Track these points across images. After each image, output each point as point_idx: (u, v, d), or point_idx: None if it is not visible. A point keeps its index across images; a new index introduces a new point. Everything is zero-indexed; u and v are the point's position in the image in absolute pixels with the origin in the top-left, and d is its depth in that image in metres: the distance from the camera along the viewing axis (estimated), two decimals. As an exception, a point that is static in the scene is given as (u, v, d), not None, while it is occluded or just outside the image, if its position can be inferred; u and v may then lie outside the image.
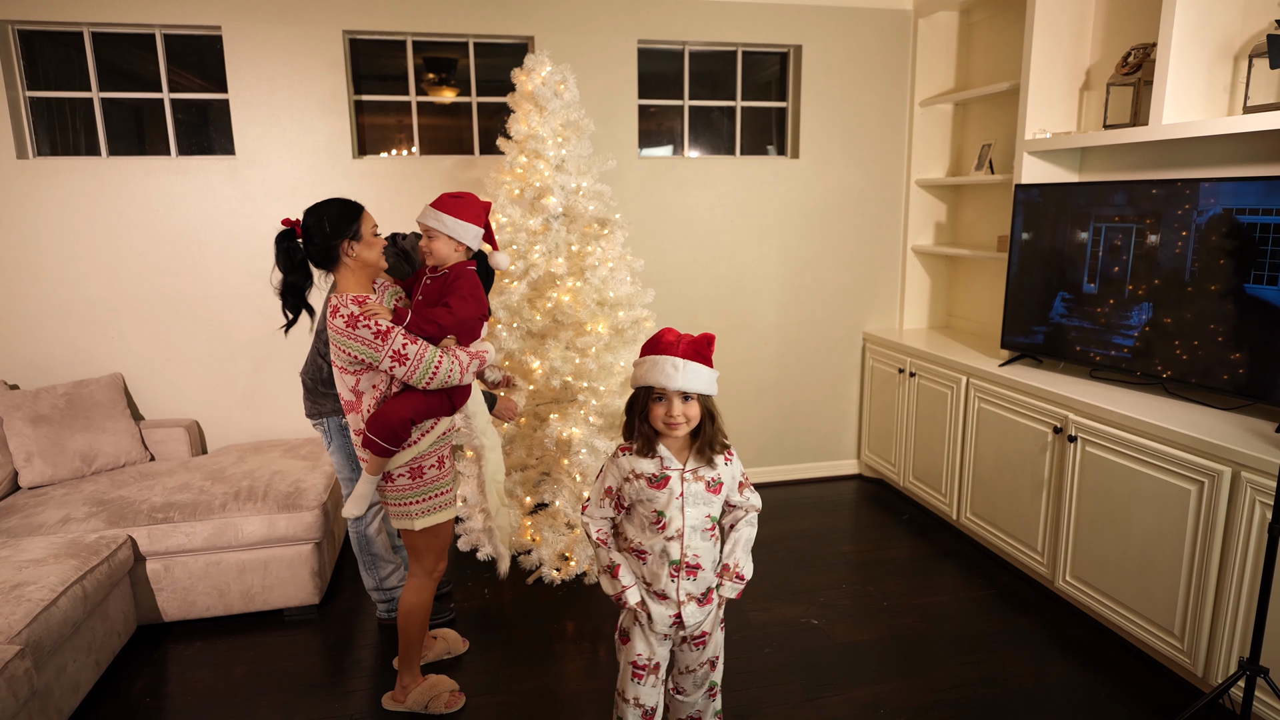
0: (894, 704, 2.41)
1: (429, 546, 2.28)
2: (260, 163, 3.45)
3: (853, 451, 4.42)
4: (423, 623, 2.33)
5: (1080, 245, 2.95)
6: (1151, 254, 2.70)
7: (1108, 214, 2.84)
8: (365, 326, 2.02)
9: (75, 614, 2.30)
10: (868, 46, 3.97)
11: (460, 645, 2.70)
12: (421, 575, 2.30)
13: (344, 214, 2.09)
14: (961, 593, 3.08)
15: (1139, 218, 2.73)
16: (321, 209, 2.09)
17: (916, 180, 4.11)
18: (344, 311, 2.04)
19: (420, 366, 2.06)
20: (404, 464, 2.17)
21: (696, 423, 1.76)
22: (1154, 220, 2.68)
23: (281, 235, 2.09)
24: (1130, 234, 2.76)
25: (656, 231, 3.89)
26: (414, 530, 2.22)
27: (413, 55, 3.60)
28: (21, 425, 3.03)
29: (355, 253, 2.10)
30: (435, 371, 2.07)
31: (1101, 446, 2.65)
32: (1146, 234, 2.70)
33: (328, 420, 2.63)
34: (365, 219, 2.12)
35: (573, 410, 3.11)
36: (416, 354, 2.05)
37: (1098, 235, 2.88)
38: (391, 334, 2.03)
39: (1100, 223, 2.87)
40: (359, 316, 2.03)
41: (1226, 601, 2.25)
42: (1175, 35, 2.60)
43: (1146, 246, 2.71)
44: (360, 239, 2.10)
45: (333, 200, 2.13)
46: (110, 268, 3.39)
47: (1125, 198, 2.78)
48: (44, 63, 3.35)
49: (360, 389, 2.12)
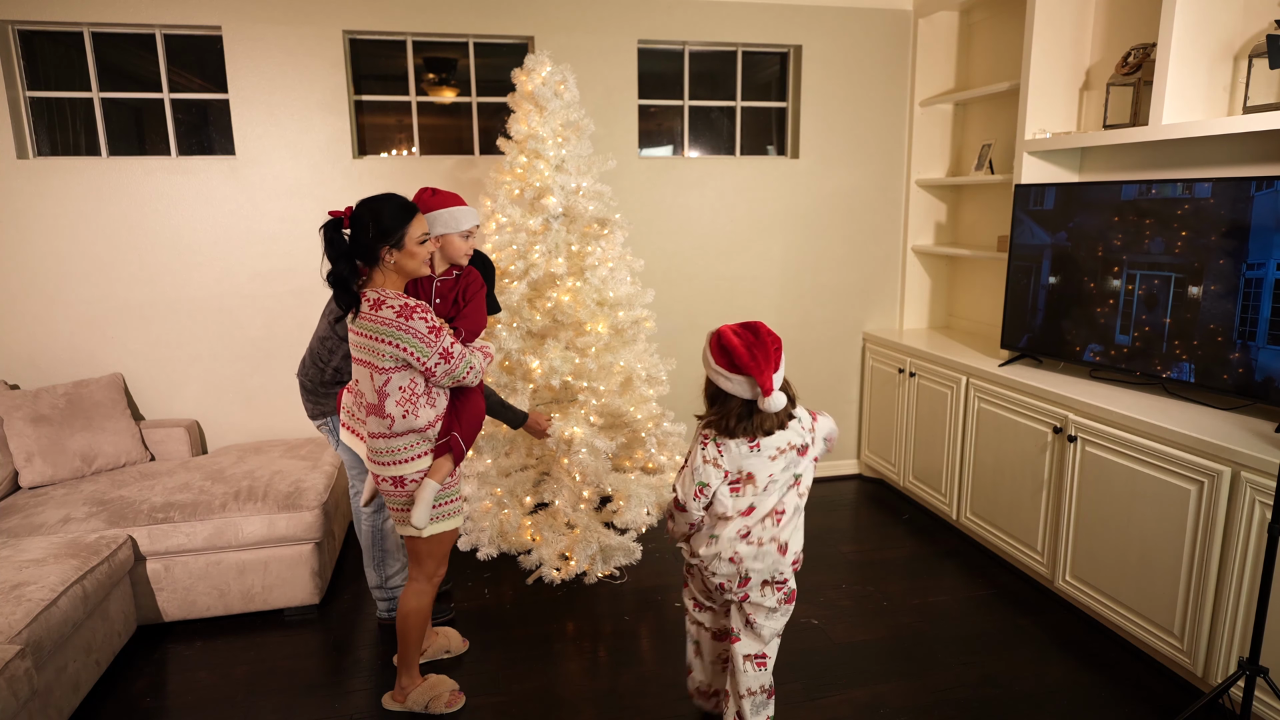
0: (894, 704, 2.41)
1: (432, 552, 2.26)
2: (260, 163, 3.45)
3: (853, 451, 4.42)
4: (421, 625, 2.33)
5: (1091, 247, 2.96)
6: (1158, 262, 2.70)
7: (1109, 214, 2.84)
8: (421, 319, 2.00)
9: (75, 614, 2.30)
10: (868, 46, 3.97)
11: (460, 645, 2.69)
12: (422, 580, 2.29)
13: (392, 219, 2.03)
14: (961, 593, 3.08)
15: (1139, 217, 2.73)
16: (374, 207, 2.03)
17: (916, 180, 4.11)
18: (394, 303, 2.00)
19: (460, 365, 2.09)
20: (418, 470, 2.15)
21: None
22: (1154, 221, 2.68)
23: (327, 225, 2.04)
24: (1139, 238, 2.76)
25: (656, 231, 3.90)
26: (421, 536, 2.21)
27: (413, 55, 3.60)
28: (22, 425, 3.03)
29: (394, 260, 2.06)
30: (470, 371, 2.13)
31: (1101, 446, 2.65)
32: (1147, 237, 2.71)
33: (331, 419, 2.63)
34: (414, 226, 2.05)
35: (573, 410, 3.11)
36: (460, 353, 2.09)
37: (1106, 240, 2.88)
38: (443, 332, 2.05)
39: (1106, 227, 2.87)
40: (415, 308, 2.01)
41: (1226, 601, 2.25)
42: (1175, 35, 2.60)
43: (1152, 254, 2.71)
44: (402, 247, 2.05)
45: (389, 200, 2.06)
46: (110, 267, 3.39)
47: (1124, 198, 2.78)
48: (44, 63, 3.35)
49: (387, 390, 2.07)
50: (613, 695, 2.46)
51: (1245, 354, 2.43)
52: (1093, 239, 2.90)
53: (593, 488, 3.19)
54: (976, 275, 4.06)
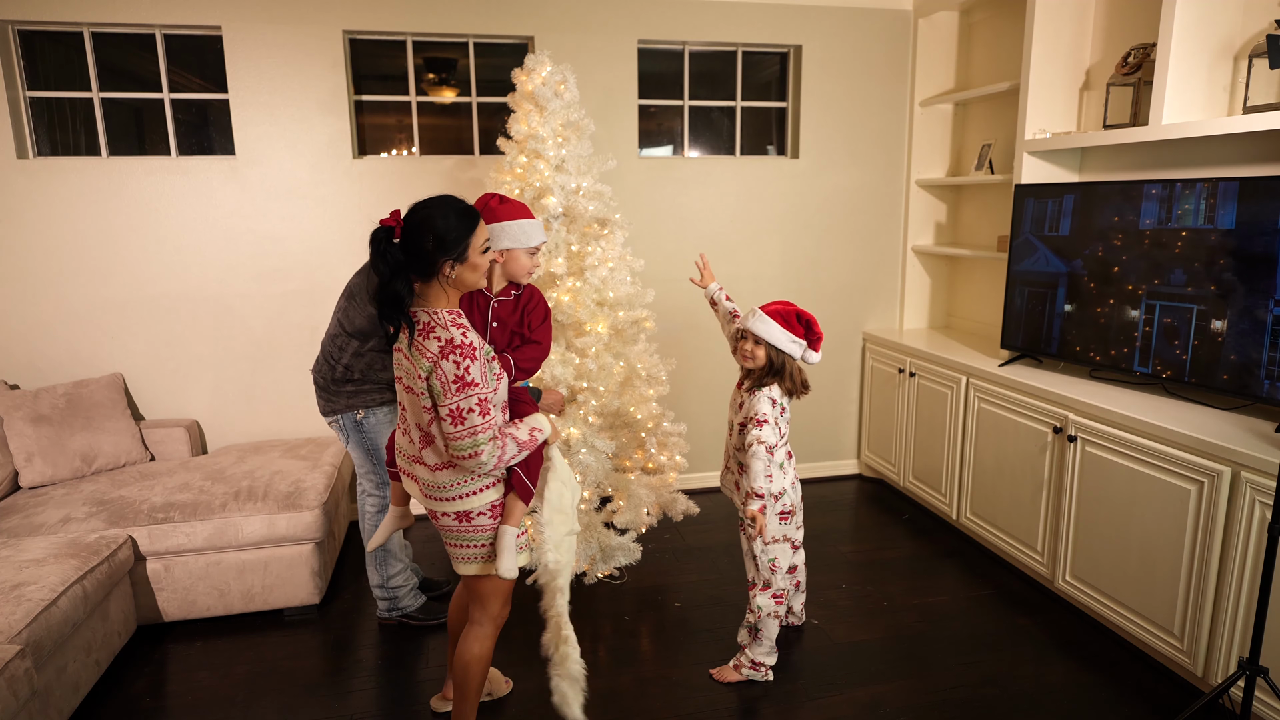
0: (894, 704, 2.41)
1: (499, 591, 2.03)
2: (260, 163, 3.45)
3: (853, 451, 4.42)
4: (483, 675, 2.09)
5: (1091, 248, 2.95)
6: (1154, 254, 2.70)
7: (1110, 214, 2.84)
8: (453, 362, 1.74)
9: (75, 614, 2.30)
10: (868, 46, 3.97)
11: (504, 687, 2.48)
12: (486, 623, 2.06)
13: (455, 228, 1.79)
14: (961, 593, 3.08)
15: (1157, 246, 2.73)
16: (431, 214, 1.78)
17: (916, 180, 4.11)
18: (440, 335, 1.77)
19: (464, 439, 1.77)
20: (488, 502, 1.94)
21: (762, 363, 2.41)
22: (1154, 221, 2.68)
23: (377, 235, 1.78)
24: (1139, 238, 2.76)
25: (656, 231, 3.90)
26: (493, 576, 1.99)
27: (413, 55, 3.60)
28: (22, 425, 3.03)
29: (455, 275, 1.82)
30: (470, 456, 1.79)
31: (1101, 446, 2.65)
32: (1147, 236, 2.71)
33: (342, 417, 2.63)
34: (477, 234, 1.82)
35: (572, 410, 3.11)
36: (469, 429, 1.77)
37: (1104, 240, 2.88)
38: (471, 390, 1.76)
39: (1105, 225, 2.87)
40: (457, 347, 1.75)
41: (1226, 601, 2.25)
42: (1175, 35, 2.60)
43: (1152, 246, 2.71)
44: (465, 260, 1.81)
45: (449, 205, 1.81)
46: (110, 267, 3.39)
47: (1125, 197, 2.78)
48: (44, 63, 3.35)
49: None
50: (613, 695, 2.46)
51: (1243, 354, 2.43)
52: (1107, 268, 2.89)
53: (593, 488, 3.19)
54: (976, 275, 4.06)
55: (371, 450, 2.67)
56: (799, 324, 2.38)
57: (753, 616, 2.50)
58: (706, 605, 3.00)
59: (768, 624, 2.48)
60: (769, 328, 2.36)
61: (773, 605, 2.47)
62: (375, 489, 2.73)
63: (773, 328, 2.36)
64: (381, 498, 2.74)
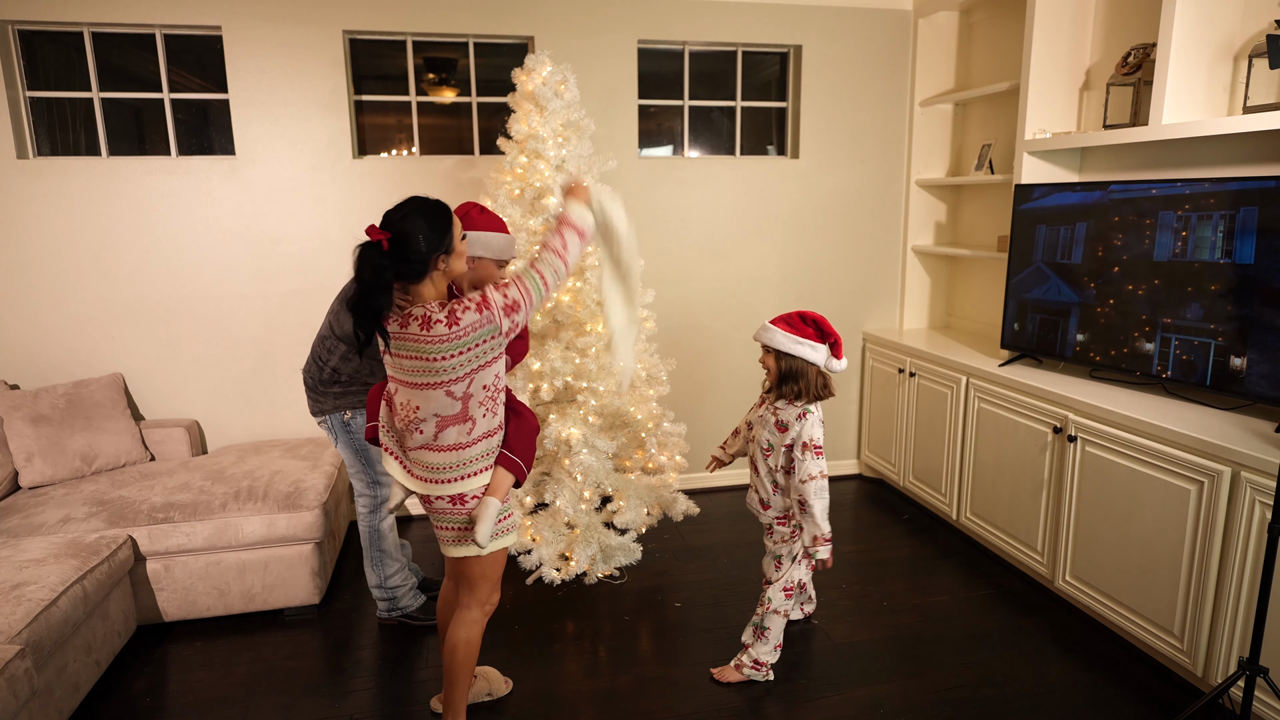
0: (894, 704, 2.41)
1: (486, 574, 2.09)
2: (260, 163, 3.45)
3: (853, 451, 4.42)
4: (471, 659, 2.13)
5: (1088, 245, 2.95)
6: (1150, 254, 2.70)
7: (1109, 215, 2.84)
8: (466, 310, 1.86)
9: (75, 614, 2.30)
10: (868, 46, 3.97)
11: (503, 687, 2.47)
12: (474, 607, 2.11)
13: (439, 223, 1.87)
14: (961, 593, 3.08)
15: (1139, 217, 2.73)
16: (414, 218, 1.85)
17: (916, 180, 4.11)
18: (439, 315, 1.85)
19: (533, 294, 1.95)
20: (482, 486, 2.01)
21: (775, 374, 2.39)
22: (1153, 220, 2.68)
23: (368, 251, 1.81)
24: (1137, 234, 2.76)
25: (656, 231, 3.90)
26: (480, 555, 2.05)
27: (413, 55, 3.60)
28: (21, 425, 3.03)
29: (445, 266, 1.91)
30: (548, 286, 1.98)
31: (1101, 446, 2.65)
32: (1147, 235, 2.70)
33: (330, 417, 2.64)
34: (455, 225, 1.92)
35: (572, 410, 3.11)
36: (524, 291, 1.94)
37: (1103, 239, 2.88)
38: (490, 297, 1.89)
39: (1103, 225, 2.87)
40: (455, 306, 1.86)
41: (1226, 601, 2.25)
42: (1175, 35, 2.60)
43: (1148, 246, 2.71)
44: (452, 250, 1.91)
45: (425, 206, 1.89)
46: (110, 267, 3.39)
47: (1125, 197, 2.78)
48: (44, 63, 3.34)
49: (471, 392, 1.93)
50: (613, 695, 2.46)
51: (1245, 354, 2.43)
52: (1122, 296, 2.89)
53: (593, 488, 3.19)
54: (976, 275, 4.06)
55: (360, 450, 2.66)
56: (806, 325, 2.36)
57: (762, 610, 2.51)
58: (706, 605, 3.00)
59: (775, 620, 2.48)
60: (771, 333, 2.37)
61: (785, 602, 2.48)
62: (366, 488, 2.74)
63: (775, 332, 2.36)
64: (373, 497, 2.74)
